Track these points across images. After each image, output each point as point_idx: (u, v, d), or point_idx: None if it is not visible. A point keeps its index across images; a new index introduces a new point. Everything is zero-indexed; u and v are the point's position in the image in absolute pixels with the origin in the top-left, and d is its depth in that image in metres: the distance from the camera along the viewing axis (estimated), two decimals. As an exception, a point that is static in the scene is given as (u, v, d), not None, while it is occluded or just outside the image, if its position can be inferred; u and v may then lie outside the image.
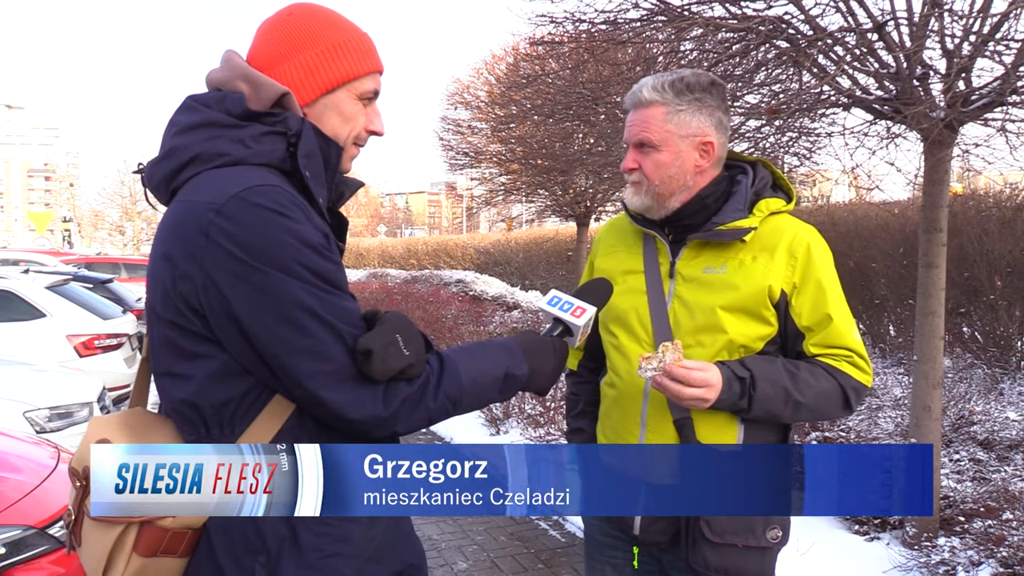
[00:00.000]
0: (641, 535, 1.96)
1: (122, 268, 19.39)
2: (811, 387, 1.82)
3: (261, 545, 1.33)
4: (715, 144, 1.88)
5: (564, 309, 1.67)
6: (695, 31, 4.93)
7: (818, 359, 1.87)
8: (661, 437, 1.89)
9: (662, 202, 1.90)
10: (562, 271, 19.51)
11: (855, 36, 4.37)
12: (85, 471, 1.36)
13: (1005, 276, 8.33)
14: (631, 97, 1.92)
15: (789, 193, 1.98)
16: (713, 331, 1.85)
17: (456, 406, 1.41)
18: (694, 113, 1.86)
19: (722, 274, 1.87)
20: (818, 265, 1.86)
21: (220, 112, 1.37)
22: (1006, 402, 7.11)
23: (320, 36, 1.42)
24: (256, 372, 1.31)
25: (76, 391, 5.74)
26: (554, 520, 5.28)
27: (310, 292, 1.28)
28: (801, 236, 1.88)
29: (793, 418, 1.86)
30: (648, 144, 1.87)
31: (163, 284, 1.33)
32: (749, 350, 1.86)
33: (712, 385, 1.74)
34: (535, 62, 9.90)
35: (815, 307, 1.85)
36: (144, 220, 56.55)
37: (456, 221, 46.39)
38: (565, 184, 13.79)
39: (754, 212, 1.89)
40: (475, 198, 22.02)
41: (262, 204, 1.27)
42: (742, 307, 1.85)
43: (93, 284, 10.74)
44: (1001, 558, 3.95)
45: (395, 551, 1.49)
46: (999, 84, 4.10)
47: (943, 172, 4.51)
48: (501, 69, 15.89)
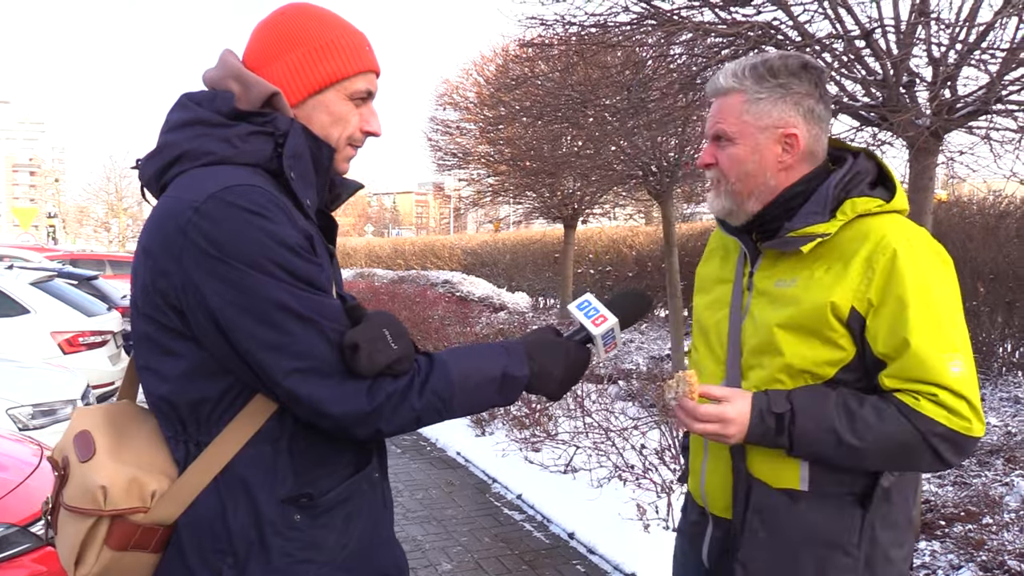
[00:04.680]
0: (710, 566, 1.81)
1: (107, 265, 19.23)
2: (871, 429, 1.51)
3: (229, 546, 1.32)
4: (800, 136, 1.64)
5: (588, 315, 1.59)
6: (685, 35, 4.96)
7: (895, 395, 1.54)
8: (718, 466, 1.74)
9: (741, 204, 1.69)
10: (548, 273, 19.50)
11: (843, 43, 4.40)
12: (65, 461, 1.38)
13: (988, 282, 8.42)
14: (711, 85, 1.72)
15: (893, 190, 1.66)
16: (770, 352, 1.62)
17: (447, 405, 1.38)
18: (775, 101, 1.63)
19: (791, 288, 1.63)
20: (905, 278, 1.52)
21: (209, 111, 1.37)
22: (987, 408, 7.18)
23: (308, 35, 1.42)
24: (235, 370, 1.31)
25: (60, 388, 5.71)
26: (538, 522, 5.28)
27: (286, 291, 1.27)
28: (888, 242, 1.55)
29: (855, 464, 1.56)
30: (723, 136, 1.68)
31: (143, 279, 1.33)
32: (816, 376, 1.59)
33: (728, 420, 1.55)
34: (524, 64, 9.91)
35: (892, 330, 1.52)
36: (130, 217, 56.12)
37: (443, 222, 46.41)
38: (553, 186, 13.83)
39: (836, 215, 1.61)
40: (463, 199, 22.02)
41: (239, 204, 1.26)
42: (801, 325, 1.59)
43: (78, 281, 10.66)
44: (981, 562, 3.99)
45: (370, 560, 1.47)
46: (984, 93, 4.14)
47: (928, 179, 4.55)
48: (490, 70, 15.91)
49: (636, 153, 9.06)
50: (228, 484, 1.32)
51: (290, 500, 1.35)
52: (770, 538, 1.63)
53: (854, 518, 1.60)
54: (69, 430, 1.40)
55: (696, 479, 1.84)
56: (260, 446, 1.33)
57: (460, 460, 6.85)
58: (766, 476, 1.64)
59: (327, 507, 1.38)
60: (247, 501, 1.32)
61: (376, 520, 1.49)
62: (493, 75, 15.27)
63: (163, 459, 1.35)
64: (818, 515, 1.61)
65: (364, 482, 1.46)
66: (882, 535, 1.62)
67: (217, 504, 1.32)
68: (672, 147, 9.20)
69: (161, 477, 1.32)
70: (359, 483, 1.45)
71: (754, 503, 1.64)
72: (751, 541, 1.64)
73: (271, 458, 1.34)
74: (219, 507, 1.32)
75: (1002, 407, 7.27)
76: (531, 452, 6.55)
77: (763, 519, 1.63)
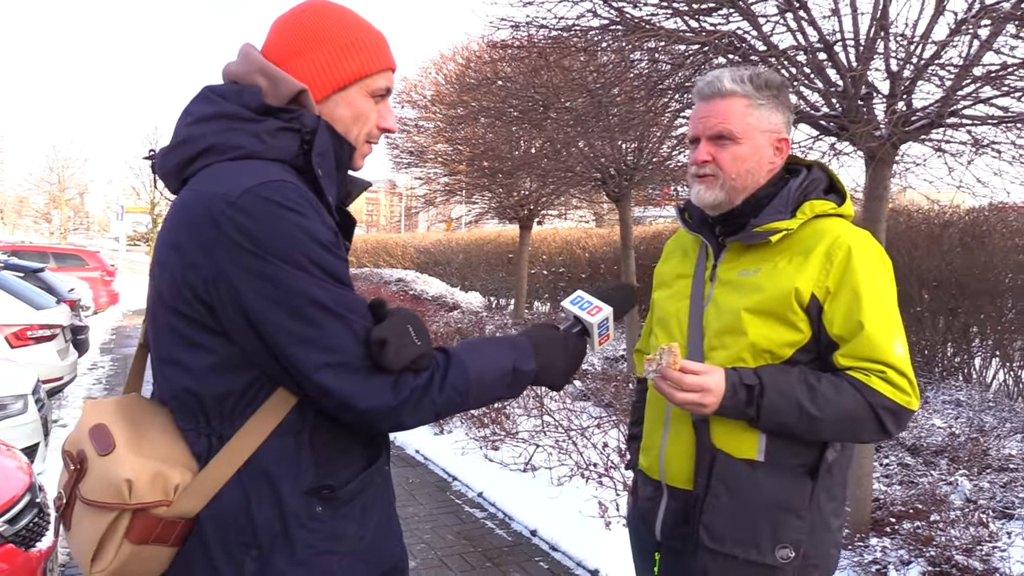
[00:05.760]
0: (663, 540, 1.93)
1: (51, 257, 18.72)
2: (830, 402, 1.69)
3: (253, 539, 1.33)
4: (788, 143, 1.85)
5: (583, 307, 1.68)
6: (649, 42, 5.04)
7: (847, 372, 1.73)
8: (680, 439, 1.86)
9: (734, 198, 1.84)
10: (502, 273, 19.55)
11: (805, 55, 4.53)
12: (80, 454, 1.37)
13: (932, 289, 8.71)
14: (707, 87, 1.85)
15: (843, 196, 1.87)
16: (735, 333, 1.78)
17: (464, 399, 1.42)
18: (772, 109, 1.82)
19: (754, 277, 1.80)
20: (858, 271, 1.72)
21: (236, 105, 1.37)
22: (931, 410, 7.43)
23: (334, 33, 1.44)
24: (262, 364, 1.32)
25: (10, 383, 5.55)
26: (500, 519, 5.33)
27: (320, 286, 1.29)
28: (843, 240, 1.76)
29: (811, 434, 1.73)
30: (727, 136, 1.81)
31: (171, 272, 1.33)
32: (776, 356, 1.76)
33: (709, 390, 1.68)
34: (488, 65, 9.93)
35: (848, 315, 1.71)
36: (72, 208, 54.61)
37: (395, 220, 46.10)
38: (510, 187, 13.86)
39: (796, 214, 1.80)
40: (418, 197, 21.93)
41: (275, 199, 1.28)
42: (766, 310, 1.75)
43: (24, 273, 10.37)
44: (929, 557, 4.15)
45: (382, 551, 1.50)
46: (938, 106, 4.30)
47: (883, 189, 4.70)
48: (450, 68, 15.88)
49: (596, 156, 9.16)
50: (252, 477, 1.32)
51: (312, 492, 1.36)
52: (732, 503, 1.77)
53: (805, 487, 1.77)
54: (82, 423, 1.39)
55: (654, 453, 1.95)
56: (283, 438, 1.34)
57: (419, 458, 6.86)
58: (728, 447, 1.79)
59: (347, 498, 1.40)
60: (271, 493, 1.33)
61: (387, 512, 1.53)
62: (453, 74, 15.25)
63: (181, 452, 1.34)
64: (774, 482, 1.77)
65: (377, 475, 1.49)
66: (825, 505, 1.81)
67: (241, 497, 1.32)
68: (631, 151, 9.32)
69: (183, 470, 1.32)
70: (372, 476, 1.47)
71: (717, 472, 1.78)
72: (714, 506, 1.78)
73: (294, 450, 1.35)
74: (243, 500, 1.32)
75: (945, 409, 7.53)
76: (490, 451, 6.59)
77: (727, 486, 1.78)
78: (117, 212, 47.24)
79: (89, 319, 13.85)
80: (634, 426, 2.17)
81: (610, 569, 4.36)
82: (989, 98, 4.30)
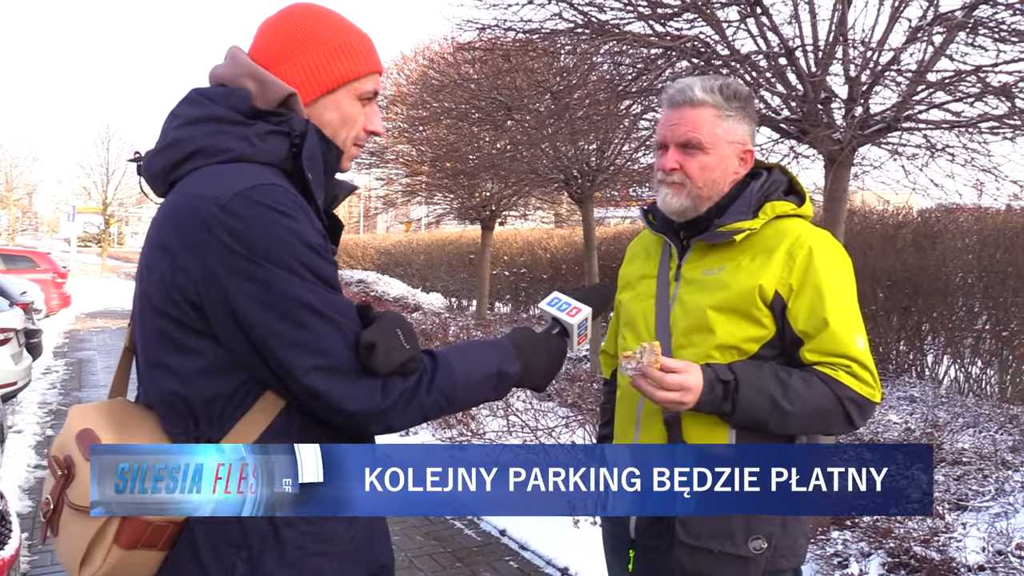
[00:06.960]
0: (637, 538, 1.94)
1: (1, 259, 18.26)
2: (801, 396, 1.75)
3: (243, 541, 1.33)
4: (752, 154, 1.90)
5: (561, 309, 1.69)
6: (611, 45, 5.11)
7: (815, 367, 1.79)
8: (651, 436, 1.89)
9: (700, 205, 1.89)
10: (463, 274, 19.54)
11: (766, 60, 4.64)
12: (67, 460, 1.36)
13: (886, 288, 8.93)
14: (677, 95, 1.88)
15: (803, 197, 1.93)
16: (703, 331, 1.83)
17: (450, 402, 1.44)
18: (739, 121, 1.87)
19: (719, 275, 1.85)
20: (819, 269, 1.78)
21: (226, 108, 1.37)
22: (887, 406, 7.61)
23: (323, 36, 1.44)
24: (251, 367, 1.32)
25: (-35, 389, 5.44)
26: (468, 519, 5.34)
27: (311, 290, 1.30)
28: (804, 239, 1.82)
29: (782, 428, 1.77)
30: (695, 145, 1.85)
31: (160, 275, 1.33)
32: (742, 352, 1.81)
33: (688, 388, 1.71)
34: (451, 66, 9.94)
35: (812, 312, 1.77)
36: (20, 208, 53.30)
37: (352, 221, 45.82)
38: (472, 188, 13.86)
39: (758, 215, 1.86)
40: (378, 198, 21.80)
41: (266, 203, 1.28)
42: (731, 307, 1.81)
43: (-26, 276, 10.11)
44: (889, 549, 4.27)
45: (371, 551, 1.51)
46: (894, 111, 4.44)
47: (842, 191, 4.83)
48: (411, 68, 15.82)
49: (558, 157, 9.22)
50: None
51: None
52: None
53: None
54: (68, 428, 1.38)
55: None
56: (271, 441, 1.34)
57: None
58: (699, 441, 1.82)
59: None
60: None
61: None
62: (415, 74, 15.20)
63: None
64: None
65: None
66: None
67: None
68: (593, 152, 9.41)
69: None
70: None
71: None
72: None
73: None
74: None
75: (900, 405, 7.72)
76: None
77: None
78: (68, 212, 46.16)
79: (41, 322, 13.54)
80: (604, 427, 2.20)
81: (579, 567, 4.41)
82: (943, 103, 4.45)
